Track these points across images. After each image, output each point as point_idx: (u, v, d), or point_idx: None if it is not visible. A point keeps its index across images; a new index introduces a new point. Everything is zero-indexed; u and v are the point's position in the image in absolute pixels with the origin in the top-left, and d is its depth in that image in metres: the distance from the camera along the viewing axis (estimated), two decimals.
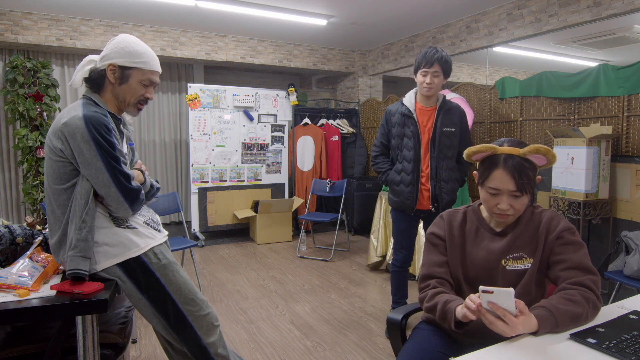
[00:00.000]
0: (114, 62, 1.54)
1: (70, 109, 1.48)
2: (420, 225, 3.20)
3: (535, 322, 1.11)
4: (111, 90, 1.58)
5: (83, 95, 1.58)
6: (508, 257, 1.35)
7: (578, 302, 1.17)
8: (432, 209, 2.60)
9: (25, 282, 1.40)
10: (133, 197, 1.52)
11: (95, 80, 1.56)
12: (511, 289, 1.07)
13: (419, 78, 2.55)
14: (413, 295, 2.98)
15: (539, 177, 1.34)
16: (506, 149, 1.30)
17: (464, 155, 1.38)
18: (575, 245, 1.30)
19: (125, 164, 1.54)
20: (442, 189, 2.58)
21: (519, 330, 1.08)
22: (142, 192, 1.58)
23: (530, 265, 1.33)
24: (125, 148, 1.65)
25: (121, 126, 1.62)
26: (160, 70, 1.65)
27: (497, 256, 1.36)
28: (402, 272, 2.78)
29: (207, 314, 1.67)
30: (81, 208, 1.45)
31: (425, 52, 2.51)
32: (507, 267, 1.35)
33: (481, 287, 1.10)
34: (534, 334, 1.11)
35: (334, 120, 5.96)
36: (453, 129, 2.58)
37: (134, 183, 1.54)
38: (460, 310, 1.21)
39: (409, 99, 2.66)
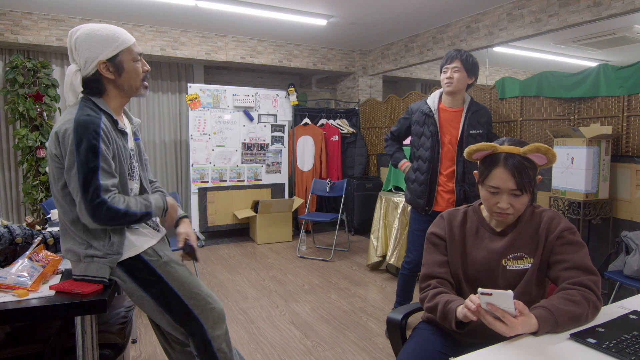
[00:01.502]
0: (101, 59, 1.47)
1: (67, 113, 1.46)
2: None
3: (535, 322, 1.11)
4: (114, 86, 1.53)
5: (82, 97, 1.52)
6: (508, 257, 1.35)
7: (578, 302, 1.17)
8: None
9: (24, 282, 1.40)
10: (95, 209, 1.39)
11: (96, 86, 1.51)
12: (510, 292, 1.07)
13: (441, 77, 2.58)
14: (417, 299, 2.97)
15: (539, 176, 1.34)
16: (506, 147, 1.30)
17: (464, 154, 1.38)
18: (575, 245, 1.30)
19: (109, 172, 1.44)
20: (472, 192, 2.57)
21: (518, 330, 1.08)
22: (110, 205, 1.41)
23: (530, 265, 1.33)
24: (130, 144, 1.63)
25: (119, 126, 1.56)
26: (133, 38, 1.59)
27: (497, 256, 1.36)
28: (410, 277, 2.78)
29: (214, 308, 1.66)
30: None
31: (447, 52, 2.59)
32: (508, 267, 1.35)
33: (480, 290, 1.10)
34: (534, 334, 1.11)
35: (334, 120, 5.95)
36: (481, 131, 2.58)
37: (103, 195, 1.40)
38: (460, 311, 1.21)
39: (432, 98, 2.67)
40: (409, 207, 2.85)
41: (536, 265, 1.33)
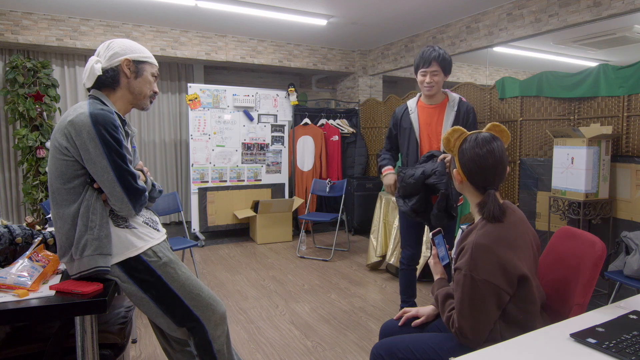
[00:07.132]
0: (127, 57, 1.58)
1: (77, 107, 1.48)
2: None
3: (439, 277, 1.58)
4: (127, 85, 1.60)
5: (89, 95, 1.59)
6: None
7: (447, 309, 1.41)
8: None
9: (24, 282, 1.40)
10: (137, 197, 1.51)
11: (111, 78, 1.57)
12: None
13: (419, 78, 2.55)
14: (421, 294, 2.96)
15: (456, 173, 1.50)
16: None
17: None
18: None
19: (131, 162, 1.54)
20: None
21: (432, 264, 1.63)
22: (146, 192, 1.58)
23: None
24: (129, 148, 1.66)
25: (126, 127, 1.62)
26: None
27: None
28: (409, 270, 2.75)
29: (216, 309, 1.66)
30: (87, 209, 1.46)
31: (423, 52, 2.50)
32: None
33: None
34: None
35: (334, 120, 5.95)
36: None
37: (139, 182, 1.53)
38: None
39: (413, 100, 2.67)
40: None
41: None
